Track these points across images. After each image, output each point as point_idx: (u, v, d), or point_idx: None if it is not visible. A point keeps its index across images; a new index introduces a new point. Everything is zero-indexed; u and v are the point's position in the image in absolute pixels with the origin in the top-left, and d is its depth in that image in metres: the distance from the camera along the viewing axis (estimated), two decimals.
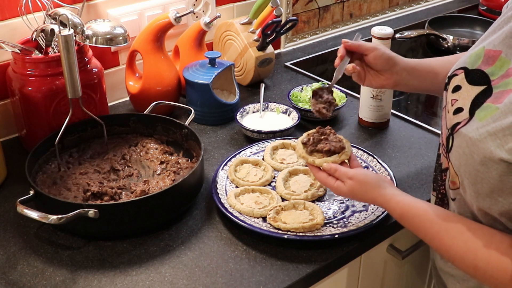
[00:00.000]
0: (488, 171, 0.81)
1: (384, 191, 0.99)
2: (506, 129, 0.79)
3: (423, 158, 1.31)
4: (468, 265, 0.87)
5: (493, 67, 0.88)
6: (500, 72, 0.86)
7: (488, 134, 0.81)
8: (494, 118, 0.82)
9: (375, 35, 1.35)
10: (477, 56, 0.92)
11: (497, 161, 0.79)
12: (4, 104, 1.36)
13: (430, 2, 2.27)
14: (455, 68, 0.96)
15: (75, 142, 1.27)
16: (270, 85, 1.63)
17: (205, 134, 1.41)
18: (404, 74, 1.13)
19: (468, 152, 0.84)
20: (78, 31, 1.21)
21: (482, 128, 0.83)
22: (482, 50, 0.92)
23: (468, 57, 0.94)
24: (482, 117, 0.84)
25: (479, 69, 0.90)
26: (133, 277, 0.99)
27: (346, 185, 1.01)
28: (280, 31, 1.54)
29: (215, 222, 1.12)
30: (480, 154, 0.82)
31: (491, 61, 0.89)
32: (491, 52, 0.90)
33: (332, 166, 1.03)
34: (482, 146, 0.82)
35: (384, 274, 1.26)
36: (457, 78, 0.94)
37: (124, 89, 1.52)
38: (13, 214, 1.12)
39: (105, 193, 1.14)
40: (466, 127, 0.86)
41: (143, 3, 1.49)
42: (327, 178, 1.03)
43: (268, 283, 0.98)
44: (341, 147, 1.05)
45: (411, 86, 1.17)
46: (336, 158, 1.04)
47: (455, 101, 0.92)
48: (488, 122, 0.82)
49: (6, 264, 1.02)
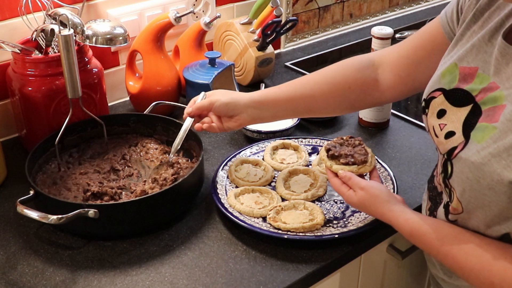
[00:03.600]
0: (496, 194, 0.79)
1: (393, 207, 0.97)
2: (510, 149, 0.77)
3: (423, 158, 1.31)
4: (484, 281, 0.84)
5: (472, 84, 0.86)
6: (481, 86, 0.84)
7: (492, 156, 0.79)
8: (494, 138, 0.79)
9: (375, 35, 1.34)
10: (451, 75, 0.89)
11: (506, 184, 0.77)
12: (4, 104, 1.36)
13: (430, 2, 2.27)
14: (429, 90, 0.94)
15: (75, 142, 1.27)
16: (270, 85, 1.63)
17: (205, 134, 1.40)
18: (250, 111, 1.10)
19: (473, 177, 0.81)
20: (78, 31, 1.21)
21: (483, 151, 0.80)
22: (454, 67, 0.89)
23: (440, 76, 0.91)
24: (480, 139, 0.81)
25: (458, 88, 0.88)
26: (133, 277, 0.99)
27: (357, 195, 1.00)
28: (280, 31, 1.54)
29: (215, 222, 1.12)
30: (487, 178, 0.79)
31: (469, 79, 0.87)
32: (466, 70, 0.87)
33: (347, 174, 1.02)
34: (487, 169, 0.79)
35: (384, 274, 1.26)
36: (436, 101, 0.91)
37: (124, 89, 1.52)
38: (13, 214, 1.13)
39: (105, 193, 1.14)
40: (464, 151, 0.83)
41: (143, 3, 1.49)
42: (340, 185, 1.03)
43: (268, 283, 0.98)
44: (363, 161, 1.04)
45: (274, 117, 1.13)
46: (354, 169, 1.03)
47: (443, 126, 0.89)
48: (489, 143, 0.80)
49: (6, 264, 1.02)
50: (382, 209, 0.98)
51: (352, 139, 1.09)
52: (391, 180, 1.18)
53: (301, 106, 1.11)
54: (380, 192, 0.99)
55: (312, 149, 1.31)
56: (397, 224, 0.96)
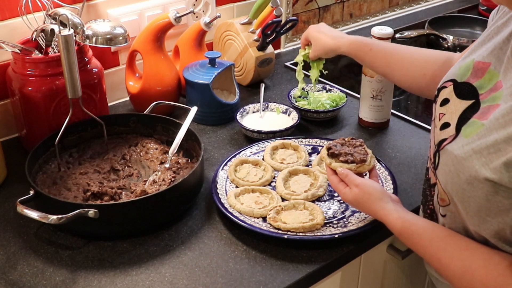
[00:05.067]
0: (474, 190, 0.80)
1: (386, 205, 0.98)
2: (490, 147, 0.77)
3: (423, 158, 1.31)
4: (466, 285, 0.85)
5: (481, 80, 0.86)
6: (489, 85, 0.85)
7: (473, 152, 0.79)
8: (479, 135, 0.80)
9: (375, 35, 1.34)
10: (466, 68, 0.90)
11: (482, 180, 0.78)
12: (4, 104, 1.36)
13: (430, 2, 2.27)
14: (444, 80, 0.95)
15: (75, 142, 1.27)
16: (270, 85, 1.63)
17: (205, 134, 1.41)
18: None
19: (454, 170, 0.83)
20: (78, 31, 1.21)
21: (467, 146, 0.81)
22: (471, 62, 0.90)
23: (457, 68, 0.92)
24: (468, 134, 0.82)
25: (467, 82, 0.88)
26: (133, 277, 0.99)
27: (352, 192, 1.01)
28: (280, 31, 1.54)
29: (215, 222, 1.12)
30: (466, 173, 0.80)
31: (480, 74, 0.87)
32: (480, 64, 0.88)
33: (344, 171, 1.03)
34: (467, 164, 0.80)
35: (384, 274, 1.26)
36: (446, 90, 0.92)
37: (124, 89, 1.52)
38: (13, 214, 1.12)
39: (105, 193, 1.14)
40: (452, 144, 0.85)
41: (143, 3, 1.49)
42: (338, 182, 1.04)
43: (268, 283, 0.98)
44: (362, 160, 1.05)
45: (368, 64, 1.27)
46: (353, 167, 1.04)
47: (442, 115, 0.90)
48: (474, 139, 0.80)
49: (6, 264, 1.02)
50: (375, 206, 0.99)
51: (354, 140, 1.10)
52: (391, 180, 1.18)
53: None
54: (373, 189, 1.00)
55: (312, 149, 1.31)
56: (388, 221, 0.97)
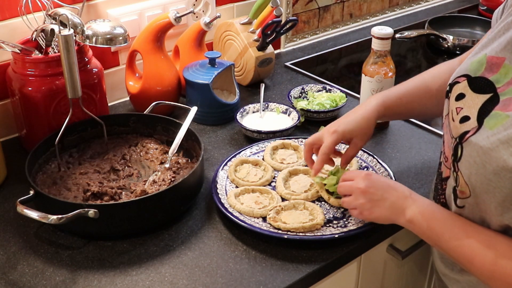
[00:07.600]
0: (500, 180, 0.81)
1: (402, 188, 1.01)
2: None
3: (423, 158, 1.31)
4: (489, 261, 0.86)
5: (497, 75, 0.87)
6: (506, 79, 0.86)
7: (500, 143, 0.80)
8: (505, 126, 0.81)
9: (375, 35, 1.34)
10: (479, 63, 0.91)
11: (510, 169, 0.79)
12: (4, 104, 1.36)
13: (430, 2, 2.27)
14: (456, 75, 0.95)
15: (75, 142, 1.27)
16: (270, 85, 1.63)
17: (205, 134, 1.41)
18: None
19: (480, 162, 0.83)
20: (78, 31, 1.21)
21: (493, 137, 0.82)
22: (484, 57, 0.90)
23: (469, 64, 0.93)
24: (492, 126, 0.83)
25: (483, 77, 0.89)
26: (133, 277, 0.99)
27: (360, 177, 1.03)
28: (280, 31, 1.54)
29: (215, 222, 1.12)
30: (493, 164, 0.81)
31: (495, 68, 0.88)
32: (494, 59, 0.89)
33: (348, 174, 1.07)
34: (494, 155, 0.81)
35: (384, 274, 1.26)
36: (459, 85, 0.92)
37: (124, 89, 1.52)
38: (13, 214, 1.12)
39: (105, 193, 1.14)
40: (476, 135, 0.85)
41: (143, 3, 1.49)
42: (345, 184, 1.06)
43: (268, 283, 0.98)
44: None
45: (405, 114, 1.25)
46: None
47: (460, 109, 0.90)
48: (499, 130, 0.81)
49: (6, 264, 1.02)
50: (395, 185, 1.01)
51: None
52: None
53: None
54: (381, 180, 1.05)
55: None
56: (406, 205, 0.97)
